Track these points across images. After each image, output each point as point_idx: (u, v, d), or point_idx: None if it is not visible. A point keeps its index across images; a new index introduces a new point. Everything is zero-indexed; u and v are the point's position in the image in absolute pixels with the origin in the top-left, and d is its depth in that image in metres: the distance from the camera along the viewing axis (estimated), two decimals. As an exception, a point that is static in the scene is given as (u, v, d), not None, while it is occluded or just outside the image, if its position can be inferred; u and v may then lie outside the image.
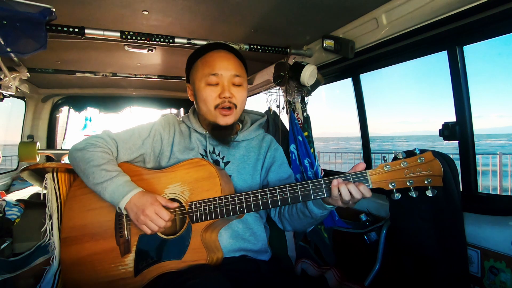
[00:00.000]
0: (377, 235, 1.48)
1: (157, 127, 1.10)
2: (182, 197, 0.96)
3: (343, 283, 1.19)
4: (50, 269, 1.12)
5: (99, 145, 1.01)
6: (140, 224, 0.90)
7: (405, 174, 0.82)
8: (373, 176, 0.84)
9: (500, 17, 1.06)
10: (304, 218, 1.00)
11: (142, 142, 1.07)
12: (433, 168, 0.80)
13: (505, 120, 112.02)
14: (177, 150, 1.08)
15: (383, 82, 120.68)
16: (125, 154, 1.05)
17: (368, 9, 1.36)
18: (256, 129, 1.17)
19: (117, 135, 1.07)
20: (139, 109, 3.26)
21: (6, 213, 1.67)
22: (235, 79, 1.04)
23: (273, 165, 1.13)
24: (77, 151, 1.01)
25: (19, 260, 1.45)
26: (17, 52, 1.18)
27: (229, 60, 1.06)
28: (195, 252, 0.91)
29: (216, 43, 1.11)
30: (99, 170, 0.94)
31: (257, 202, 0.90)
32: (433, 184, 0.80)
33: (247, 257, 1.03)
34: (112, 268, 0.97)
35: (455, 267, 1.16)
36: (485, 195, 1.27)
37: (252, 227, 1.07)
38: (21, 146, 2.54)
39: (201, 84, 1.04)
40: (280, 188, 0.89)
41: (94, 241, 1.00)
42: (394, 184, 0.83)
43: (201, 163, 0.97)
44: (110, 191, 0.92)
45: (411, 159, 0.82)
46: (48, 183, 1.13)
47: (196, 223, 0.92)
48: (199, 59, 1.08)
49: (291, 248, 1.28)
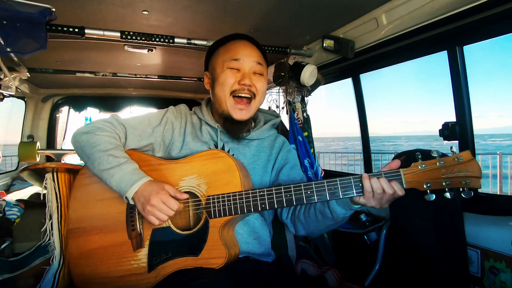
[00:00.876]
0: (377, 235, 1.48)
1: (169, 115, 1.06)
2: (199, 190, 0.91)
3: (343, 283, 1.19)
4: (50, 269, 1.12)
5: (106, 129, 0.97)
6: (147, 215, 0.86)
7: (442, 175, 0.77)
8: (407, 175, 0.79)
9: (500, 17, 1.06)
10: (322, 219, 0.95)
11: (152, 130, 1.02)
12: (472, 168, 0.75)
13: (505, 120, 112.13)
14: (189, 140, 1.04)
15: (383, 82, 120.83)
16: (134, 141, 1.00)
17: (368, 9, 1.36)
18: (269, 129, 1.14)
19: (126, 120, 1.03)
20: (139, 109, 3.27)
21: (6, 213, 1.67)
22: (256, 67, 1.02)
23: (285, 166, 1.09)
24: (83, 134, 0.96)
25: (19, 260, 1.45)
26: (17, 52, 1.17)
27: (251, 48, 1.04)
28: (214, 249, 0.86)
29: (238, 34, 1.09)
30: (106, 155, 0.90)
31: (280, 199, 0.84)
32: (471, 186, 0.76)
33: (250, 257, 1.01)
34: (123, 263, 0.93)
35: (455, 267, 1.16)
36: (485, 195, 1.27)
37: (257, 231, 1.03)
38: (21, 146, 2.54)
39: (222, 69, 1.02)
40: (306, 185, 0.83)
41: (103, 234, 0.96)
42: (429, 185, 0.78)
43: (219, 155, 0.91)
44: (117, 179, 0.87)
45: (448, 158, 0.77)
46: (48, 183, 1.13)
47: (214, 219, 0.88)
48: (221, 47, 1.06)
49: (291, 248, 1.28)
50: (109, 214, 0.97)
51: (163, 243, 0.91)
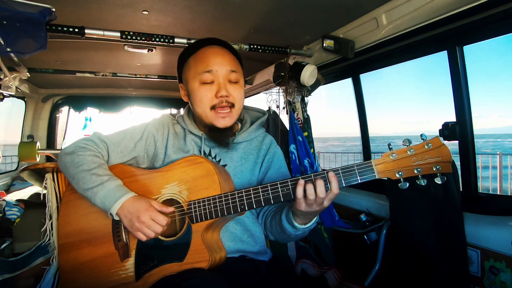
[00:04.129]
0: (377, 235, 1.48)
1: (150, 129, 1.05)
2: (180, 196, 0.93)
3: (343, 283, 1.19)
4: (50, 269, 1.12)
5: (89, 148, 0.97)
6: (134, 231, 0.87)
7: (413, 162, 0.79)
8: (379, 165, 0.81)
9: (500, 17, 1.06)
10: (281, 232, 0.97)
11: (135, 145, 1.02)
12: (441, 154, 0.77)
13: (505, 120, 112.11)
14: (172, 153, 1.03)
15: (383, 82, 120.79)
16: (117, 158, 1.01)
17: (368, 9, 1.36)
18: (256, 129, 1.12)
19: (108, 137, 1.02)
20: (139, 109, 3.27)
21: (6, 213, 1.67)
22: (231, 75, 0.99)
23: (269, 170, 1.09)
24: (66, 155, 0.97)
25: (19, 260, 1.45)
26: (17, 52, 1.18)
27: (223, 55, 1.00)
28: (197, 253, 0.88)
29: (208, 39, 1.04)
30: (89, 174, 0.90)
31: (258, 199, 0.87)
32: (442, 171, 0.77)
33: (246, 257, 1.02)
34: (112, 274, 0.94)
35: (455, 267, 1.16)
36: (485, 195, 1.27)
37: (250, 229, 1.04)
38: (21, 146, 2.54)
39: (195, 84, 0.99)
40: (282, 183, 0.86)
41: (92, 247, 0.97)
42: (401, 173, 0.80)
43: (198, 161, 0.93)
44: (101, 197, 0.88)
45: (418, 145, 0.79)
46: (48, 183, 1.13)
47: (196, 223, 0.90)
48: (191, 57, 1.02)
49: (291, 248, 1.28)
50: (96, 226, 0.98)
51: (149, 252, 0.93)
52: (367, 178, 0.82)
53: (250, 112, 1.18)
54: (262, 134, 1.15)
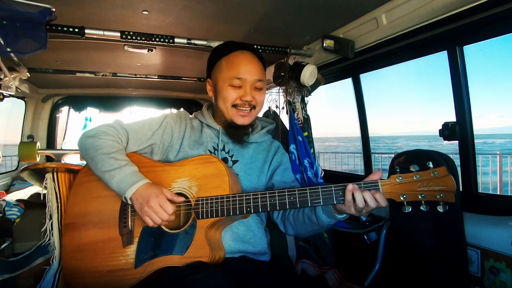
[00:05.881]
0: (377, 235, 1.48)
1: (168, 120, 1.11)
2: (190, 192, 0.95)
3: (343, 283, 1.18)
4: (50, 269, 1.12)
5: (110, 133, 1.02)
6: (143, 215, 0.90)
7: (418, 187, 0.81)
8: (385, 186, 0.83)
9: (500, 17, 1.07)
10: (310, 224, 0.99)
11: (152, 133, 1.08)
12: (446, 183, 0.79)
13: (505, 120, 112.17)
14: (186, 145, 1.09)
15: (383, 82, 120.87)
16: (135, 145, 1.06)
17: (368, 9, 1.36)
18: (265, 134, 1.20)
19: (129, 125, 1.08)
20: (139, 109, 3.27)
21: (6, 213, 1.67)
22: (257, 83, 1.06)
23: (279, 168, 1.14)
24: (88, 138, 1.02)
25: (19, 260, 1.45)
26: (17, 52, 1.18)
27: (253, 64, 1.07)
28: (199, 248, 0.90)
29: (242, 44, 1.11)
30: (108, 158, 0.95)
31: (265, 203, 0.89)
32: (445, 199, 0.79)
33: (247, 257, 1.03)
34: (112, 258, 0.97)
35: (455, 267, 1.16)
36: (485, 195, 1.27)
37: (253, 230, 1.06)
38: (21, 146, 2.54)
39: (224, 85, 1.06)
40: (290, 191, 0.88)
41: (96, 229, 1.00)
42: (405, 196, 0.82)
43: (211, 160, 0.97)
44: (117, 180, 0.92)
45: (424, 172, 0.81)
46: (48, 183, 1.13)
47: (201, 220, 0.92)
48: (223, 58, 1.08)
49: (291, 248, 1.28)
50: (104, 211, 1.01)
51: (151, 241, 0.95)
52: None
53: (261, 121, 1.26)
54: (270, 140, 1.23)
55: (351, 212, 0.86)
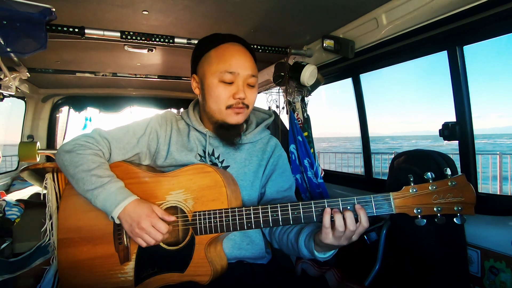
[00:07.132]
0: (377, 235, 1.48)
1: (153, 124, 1.02)
2: (185, 205, 0.89)
3: (343, 283, 1.18)
4: (50, 269, 1.12)
5: (89, 146, 0.93)
6: (134, 236, 0.85)
7: (433, 200, 0.74)
8: (397, 200, 0.76)
9: (500, 17, 1.06)
10: (292, 249, 0.93)
11: (137, 140, 0.99)
12: (465, 194, 0.73)
13: (505, 120, 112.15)
14: (174, 150, 1.00)
15: (383, 82, 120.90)
16: (119, 154, 0.98)
17: (368, 9, 1.36)
18: (261, 131, 1.09)
19: (110, 133, 0.98)
20: (139, 109, 3.27)
21: (6, 213, 1.67)
22: (250, 79, 0.97)
23: (274, 173, 1.06)
24: (65, 153, 0.92)
25: (19, 260, 1.45)
26: (17, 52, 1.18)
27: (246, 57, 0.98)
28: (199, 266, 0.86)
29: (233, 36, 1.02)
30: (89, 175, 0.87)
31: (266, 219, 0.83)
32: (463, 212, 0.72)
33: (244, 262, 1.00)
34: (111, 275, 0.93)
35: (455, 267, 1.16)
36: (485, 195, 1.27)
37: (250, 236, 1.02)
38: (21, 146, 2.54)
39: (214, 80, 0.95)
40: (293, 205, 0.82)
41: (92, 245, 0.95)
42: (420, 210, 0.75)
43: (206, 170, 0.89)
44: (101, 200, 0.85)
45: (441, 182, 0.74)
46: (48, 183, 1.13)
47: (200, 236, 0.87)
48: (212, 50, 0.98)
49: (291, 248, 1.28)
50: (97, 225, 0.95)
51: (149, 258, 0.90)
52: (383, 212, 0.77)
53: (256, 113, 1.16)
54: (267, 137, 1.12)
55: (327, 241, 0.77)
